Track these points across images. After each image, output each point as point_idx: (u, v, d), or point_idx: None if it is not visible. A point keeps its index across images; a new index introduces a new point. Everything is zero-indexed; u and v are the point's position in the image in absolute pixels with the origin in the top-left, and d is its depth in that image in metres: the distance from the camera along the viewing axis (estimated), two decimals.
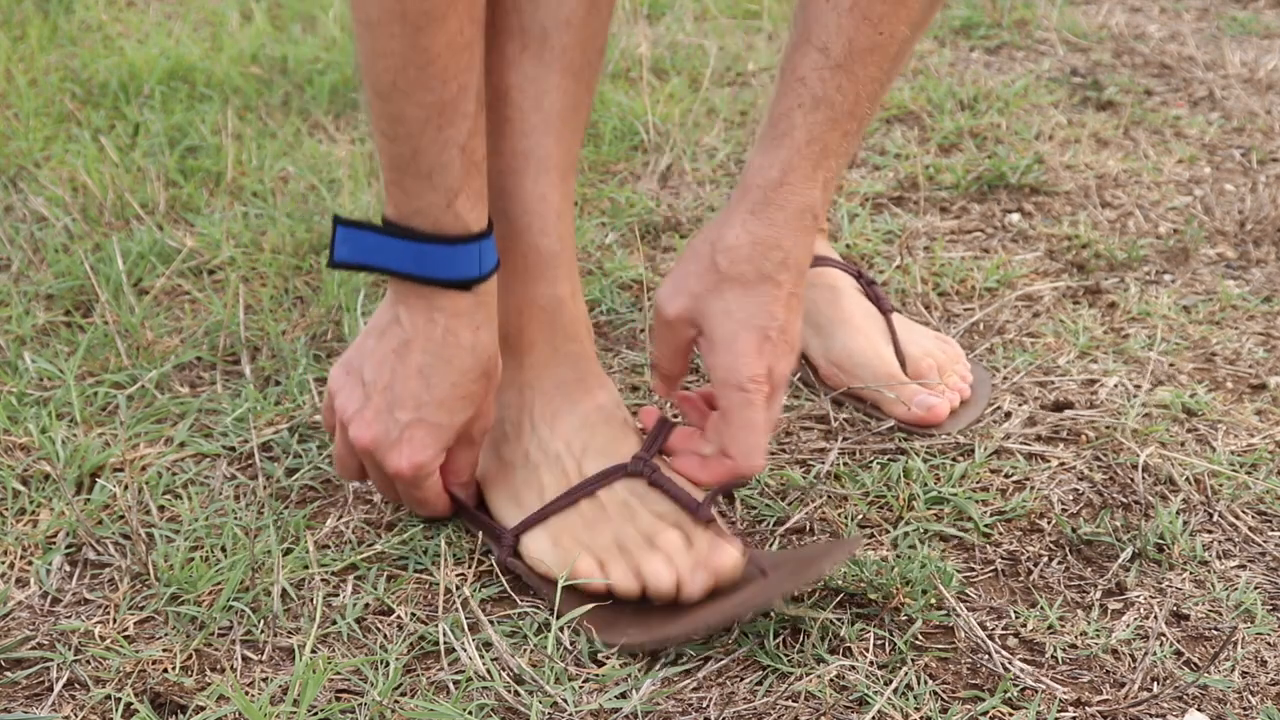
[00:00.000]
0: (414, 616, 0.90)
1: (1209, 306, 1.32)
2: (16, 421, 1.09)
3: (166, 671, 0.84)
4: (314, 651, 0.86)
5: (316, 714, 0.81)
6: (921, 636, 0.89)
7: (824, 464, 1.06)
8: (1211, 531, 1.00)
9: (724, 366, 0.89)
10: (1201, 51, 2.08)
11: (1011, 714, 0.82)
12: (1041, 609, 0.91)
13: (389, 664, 0.85)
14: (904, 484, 1.04)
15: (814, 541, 0.98)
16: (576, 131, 0.95)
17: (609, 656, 0.86)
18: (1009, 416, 1.14)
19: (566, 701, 0.81)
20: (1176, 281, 1.38)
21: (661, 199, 1.54)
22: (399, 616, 0.90)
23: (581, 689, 0.83)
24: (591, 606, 0.88)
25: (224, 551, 0.95)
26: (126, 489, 1.01)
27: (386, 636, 0.88)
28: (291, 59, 1.90)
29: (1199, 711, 0.82)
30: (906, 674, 0.85)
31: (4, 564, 0.95)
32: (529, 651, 0.86)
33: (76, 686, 0.84)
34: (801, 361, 1.19)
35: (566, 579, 0.89)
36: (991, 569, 0.96)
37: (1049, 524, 1.01)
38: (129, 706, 0.81)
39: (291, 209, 1.46)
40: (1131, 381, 1.19)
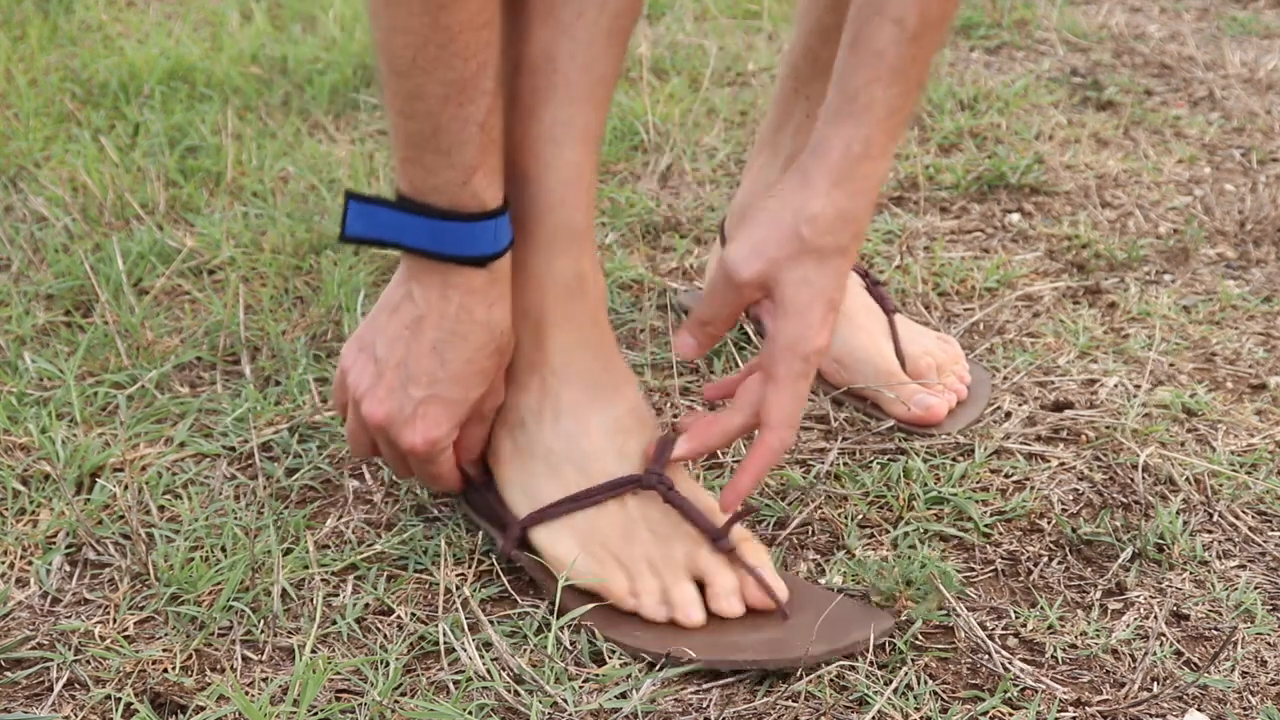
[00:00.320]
0: (414, 616, 0.90)
1: (1209, 306, 1.32)
2: (16, 421, 1.09)
3: (166, 671, 0.84)
4: (314, 651, 0.86)
5: (316, 714, 0.81)
6: (921, 636, 0.89)
7: (824, 464, 1.06)
8: (1211, 531, 1.00)
9: (793, 334, 0.90)
10: (1201, 51, 2.08)
11: (1011, 714, 0.82)
12: (1041, 609, 0.91)
13: (389, 664, 0.85)
14: (904, 484, 1.04)
15: (831, 588, 0.95)
16: (609, 100, 0.95)
17: (609, 656, 0.86)
18: (1009, 416, 1.14)
19: (566, 701, 0.81)
20: (1176, 281, 1.38)
21: (661, 199, 1.54)
22: (399, 616, 0.90)
23: (581, 689, 0.83)
24: (592, 606, 0.88)
25: (224, 551, 0.95)
26: (126, 489, 1.01)
27: (386, 636, 0.88)
28: (291, 59, 1.90)
29: (1199, 711, 0.82)
30: (906, 674, 0.85)
31: (4, 564, 0.95)
32: (529, 651, 0.86)
33: (76, 686, 0.84)
34: None
35: (584, 585, 0.88)
36: (991, 569, 0.96)
37: (1049, 524, 1.01)
38: (129, 706, 0.81)
39: (291, 209, 1.46)
40: (1131, 381, 1.19)
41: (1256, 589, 0.94)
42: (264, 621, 0.88)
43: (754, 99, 1.84)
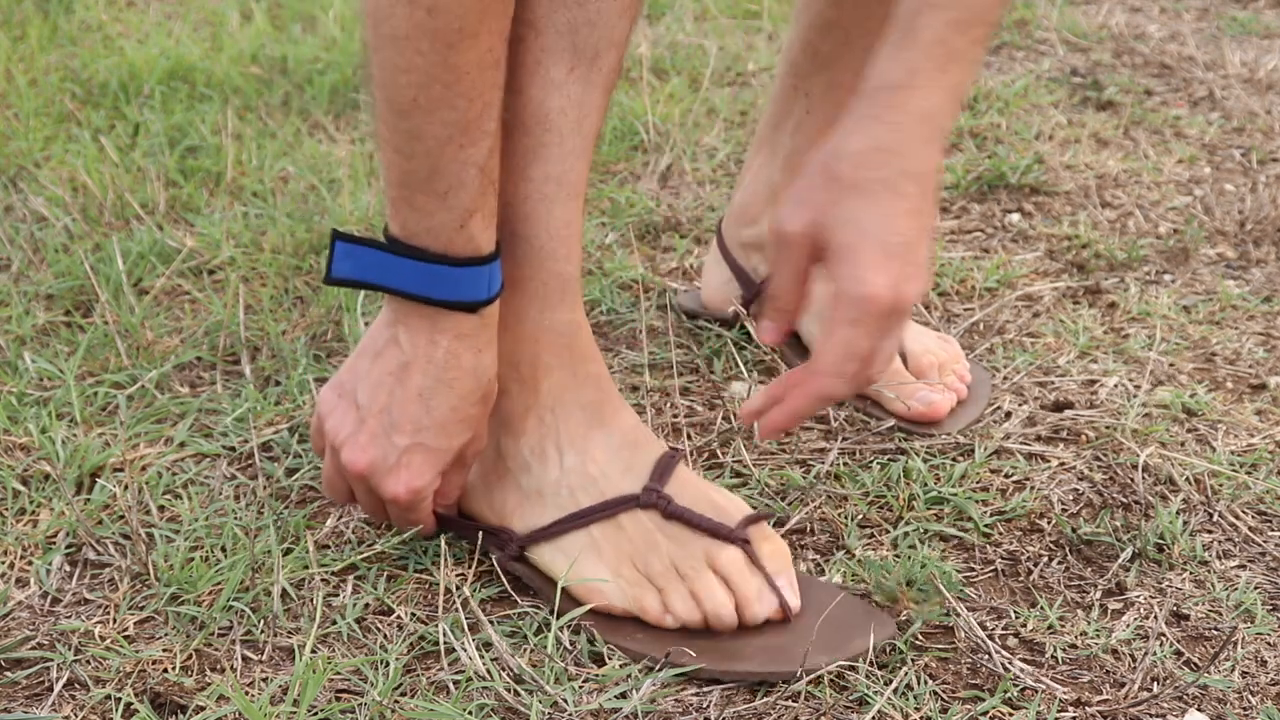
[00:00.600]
0: (414, 616, 0.90)
1: (1209, 306, 1.32)
2: (16, 421, 1.09)
3: (166, 671, 0.84)
4: (314, 651, 0.86)
5: (316, 714, 0.81)
6: (921, 636, 0.89)
7: (824, 464, 1.06)
8: (1211, 531, 1.00)
9: (846, 277, 0.81)
10: (1201, 51, 2.08)
11: (1011, 714, 0.82)
12: (1041, 609, 0.91)
13: (389, 664, 0.85)
14: (904, 484, 1.04)
15: (832, 583, 0.96)
16: (594, 148, 0.94)
17: (609, 657, 0.86)
18: (1009, 416, 1.14)
19: (566, 701, 0.81)
20: (1176, 281, 1.38)
21: (661, 199, 1.54)
22: (399, 616, 0.90)
23: (581, 689, 0.83)
24: (588, 608, 0.88)
25: (224, 551, 0.95)
26: (126, 489, 1.01)
27: (386, 636, 0.88)
28: (291, 59, 1.90)
29: (1199, 711, 0.82)
30: (906, 674, 0.85)
31: (4, 564, 0.95)
32: (529, 651, 0.86)
33: (76, 686, 0.84)
34: (804, 356, 1.19)
35: (619, 609, 0.88)
36: (991, 569, 0.96)
37: (1049, 524, 1.01)
38: (129, 706, 0.81)
39: (291, 209, 1.46)
40: (1131, 381, 1.19)
41: (1256, 589, 0.94)
42: (264, 621, 0.88)
43: (754, 99, 1.84)
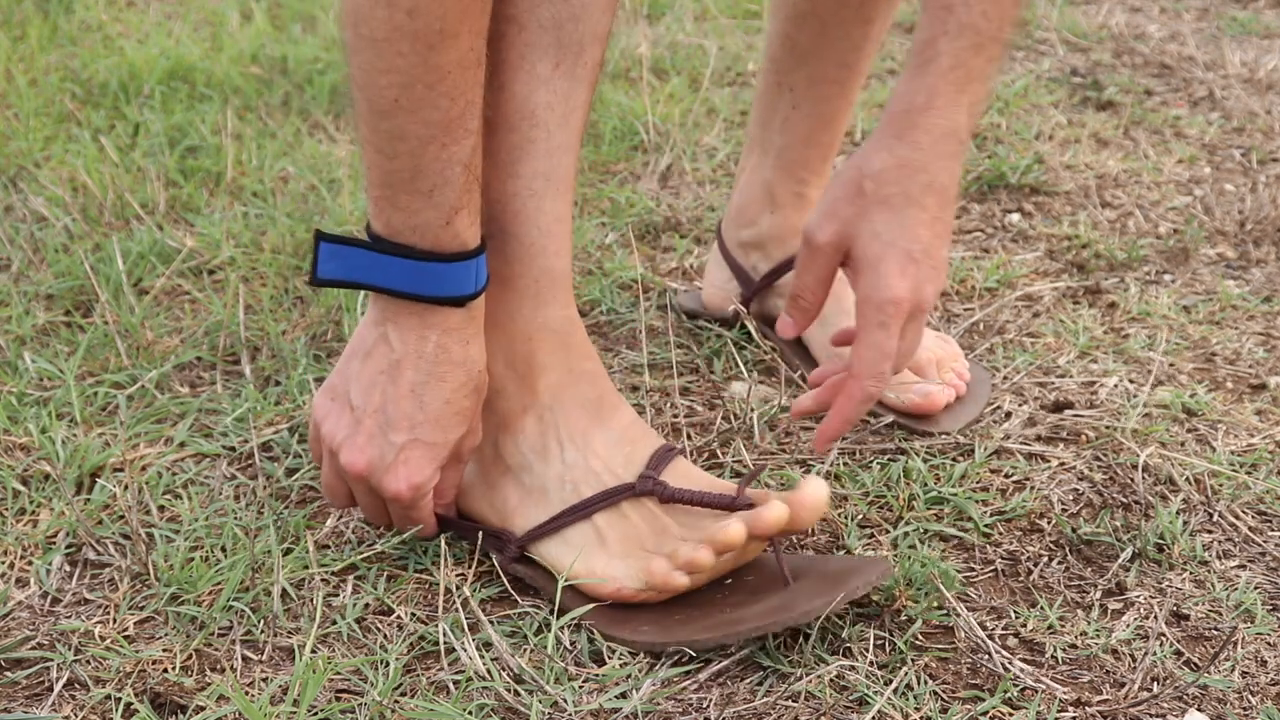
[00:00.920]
0: (414, 616, 0.90)
1: (1209, 306, 1.32)
2: (16, 421, 1.09)
3: (166, 671, 0.84)
4: (314, 651, 0.86)
5: (316, 714, 0.81)
6: (921, 636, 0.89)
7: (824, 464, 1.06)
8: (1211, 531, 1.00)
9: (867, 285, 0.90)
10: (1201, 51, 2.08)
11: (1011, 714, 0.82)
12: (1041, 609, 0.91)
13: (389, 664, 0.85)
14: (904, 484, 1.04)
15: (834, 553, 0.97)
16: (582, 142, 0.95)
17: (609, 657, 0.86)
18: (1009, 416, 1.14)
19: (566, 701, 0.81)
20: (1176, 281, 1.38)
21: (661, 199, 1.54)
22: (399, 616, 0.90)
23: (581, 689, 0.83)
24: (592, 606, 0.88)
25: (224, 551, 0.95)
26: (126, 489, 1.01)
27: (386, 636, 0.88)
28: (291, 59, 1.90)
29: (1199, 711, 0.82)
30: (906, 674, 0.85)
31: (4, 564, 0.95)
32: (529, 651, 0.86)
33: (76, 686, 0.84)
34: (803, 354, 1.19)
35: (637, 594, 0.88)
36: (991, 569, 0.96)
37: (1049, 524, 1.01)
38: (129, 706, 0.81)
39: (291, 209, 1.46)
40: (1131, 381, 1.19)
41: (1256, 589, 0.94)
42: (264, 621, 0.88)
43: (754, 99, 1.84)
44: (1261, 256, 1.44)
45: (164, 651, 0.86)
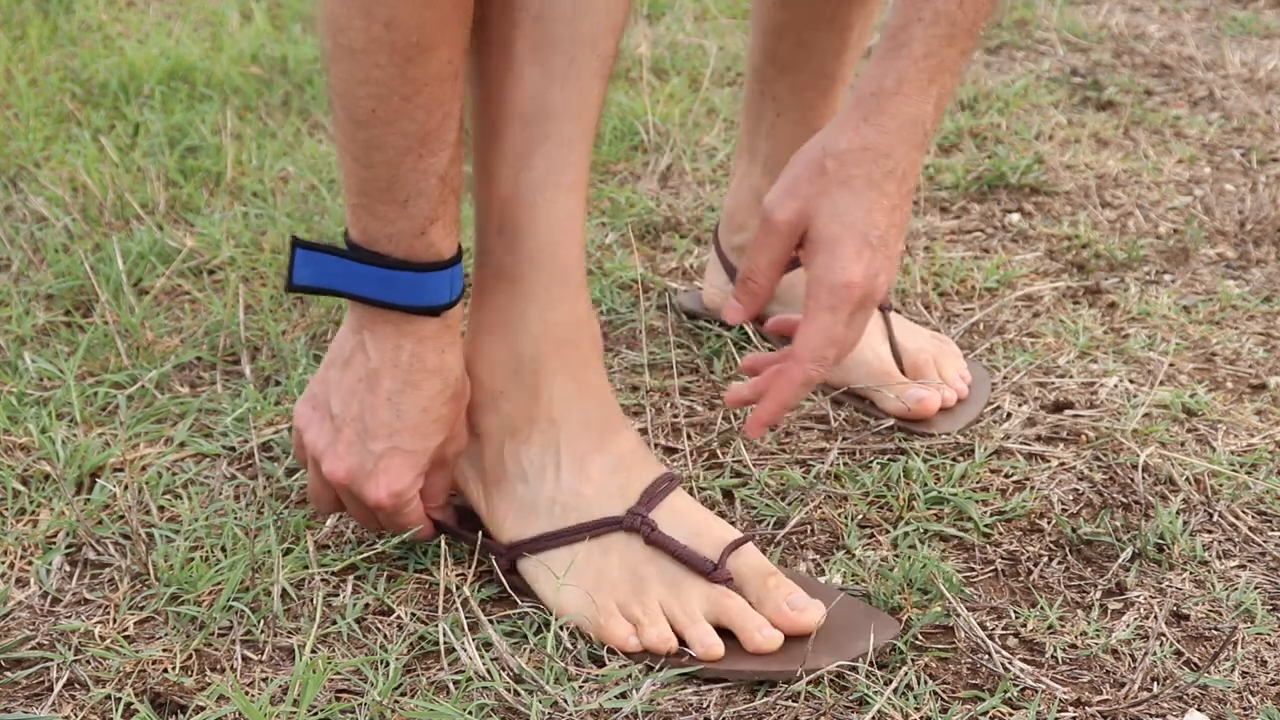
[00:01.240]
0: (414, 616, 0.90)
1: (1209, 306, 1.32)
2: (16, 421, 1.09)
3: (166, 671, 0.84)
4: (314, 651, 0.86)
5: (316, 714, 0.81)
6: (921, 636, 0.89)
7: (824, 464, 1.06)
8: (1211, 531, 1.00)
9: (821, 266, 0.89)
10: (1201, 51, 2.08)
11: (1011, 714, 0.82)
12: (1041, 609, 0.91)
13: (389, 664, 0.85)
14: (904, 484, 1.04)
15: (831, 584, 0.95)
16: (594, 138, 0.93)
17: (609, 657, 0.86)
18: (1009, 416, 1.14)
19: (566, 701, 0.81)
20: (1176, 281, 1.38)
21: (661, 199, 1.54)
22: (399, 616, 0.90)
23: (581, 689, 0.83)
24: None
25: (224, 551, 0.95)
26: (126, 489, 1.01)
27: (386, 636, 0.88)
28: (291, 59, 1.90)
29: (1199, 711, 0.82)
30: (906, 674, 0.85)
31: (4, 564, 0.95)
32: (529, 651, 0.86)
33: (76, 686, 0.84)
34: None
35: (582, 628, 0.87)
36: (991, 569, 0.96)
37: (1049, 524, 1.01)
38: (129, 706, 0.81)
39: (291, 209, 1.46)
40: (1131, 381, 1.19)
41: (1256, 589, 0.94)
42: (264, 621, 0.88)
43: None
44: (1261, 256, 1.44)
45: (164, 651, 0.86)
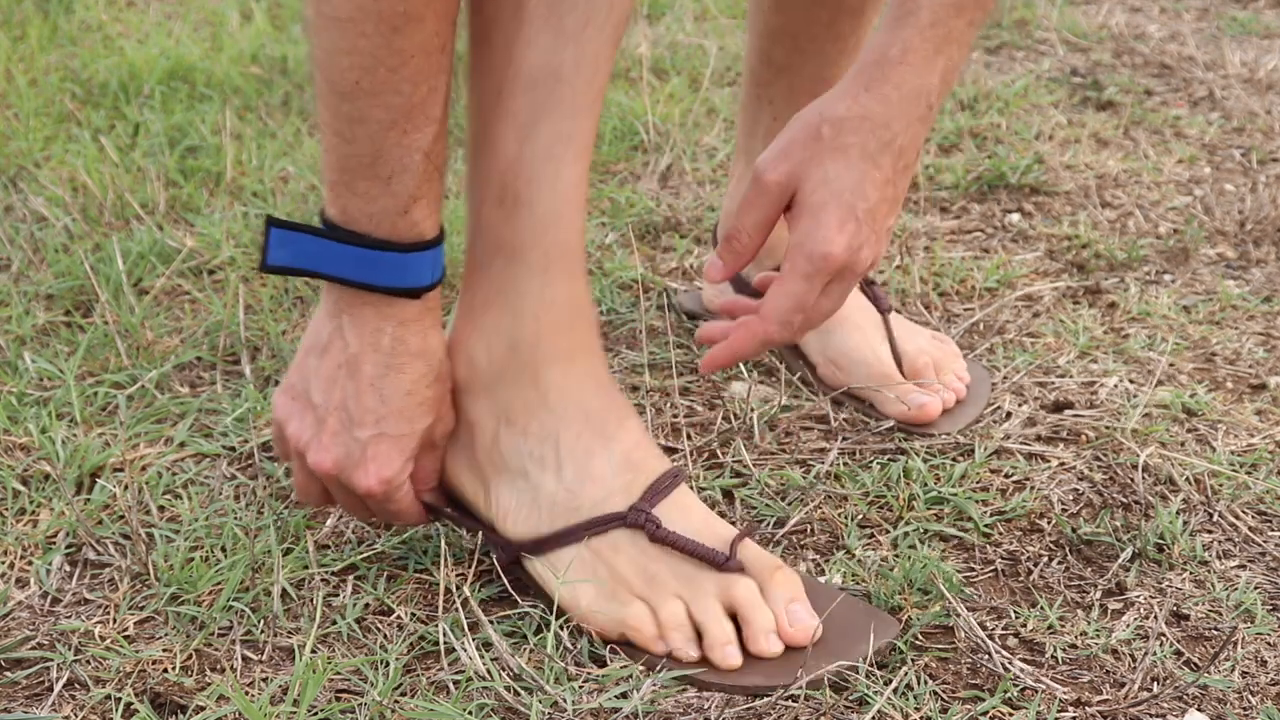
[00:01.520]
0: (414, 616, 0.90)
1: (1209, 306, 1.32)
2: (16, 421, 1.09)
3: (166, 671, 0.84)
4: (314, 651, 0.86)
5: (316, 714, 0.81)
6: (921, 636, 0.89)
7: (824, 464, 1.06)
8: (1211, 531, 1.00)
9: (803, 232, 0.86)
10: (1201, 51, 2.08)
11: (1011, 714, 0.82)
12: (1041, 609, 0.91)
13: (389, 664, 0.85)
14: (904, 484, 1.04)
15: (830, 584, 0.95)
16: (601, 108, 0.91)
17: (609, 657, 0.86)
18: (1009, 416, 1.14)
19: (566, 701, 0.81)
20: (1176, 281, 1.38)
21: (661, 199, 1.54)
22: (399, 616, 0.90)
23: (581, 689, 0.83)
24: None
25: (224, 551, 0.95)
26: (126, 489, 1.01)
27: (386, 636, 0.88)
28: (291, 59, 1.90)
29: (1199, 711, 0.82)
30: (906, 674, 0.85)
31: (4, 564, 0.95)
32: (529, 651, 0.86)
33: (76, 686, 0.84)
34: (799, 359, 1.19)
35: (609, 633, 0.86)
36: (991, 569, 0.96)
37: (1049, 524, 1.01)
38: (129, 706, 0.81)
39: (291, 209, 1.46)
40: (1131, 381, 1.19)
41: (1256, 589, 0.94)
42: (264, 621, 0.88)
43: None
44: (1261, 256, 1.44)
45: (164, 651, 0.86)
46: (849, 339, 1.15)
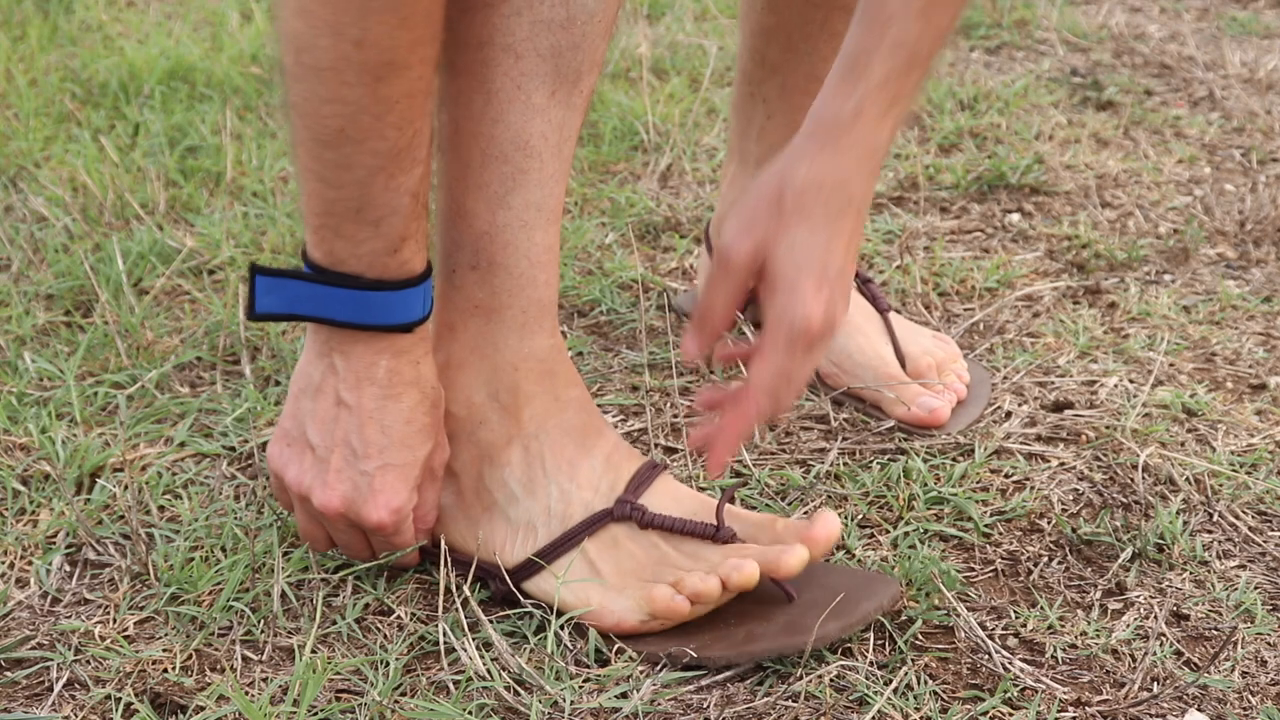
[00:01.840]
0: (414, 616, 0.90)
1: (1209, 306, 1.32)
2: (16, 421, 1.09)
3: (166, 671, 0.84)
4: (314, 651, 0.86)
5: (316, 714, 0.81)
6: (921, 636, 0.89)
7: (824, 464, 1.06)
8: (1211, 531, 1.00)
9: (781, 306, 0.86)
10: (1201, 51, 2.08)
11: (1011, 714, 0.82)
12: (1041, 609, 0.91)
13: (389, 664, 0.85)
14: (904, 484, 1.04)
15: (833, 553, 0.96)
16: (569, 172, 0.93)
17: (609, 657, 0.86)
18: (1009, 416, 1.14)
19: (566, 701, 0.81)
20: (1176, 281, 1.38)
21: (661, 199, 1.54)
22: (399, 616, 0.90)
23: (581, 689, 0.83)
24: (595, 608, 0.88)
25: (224, 551, 0.95)
26: (126, 489, 1.01)
27: (386, 636, 0.88)
28: None
29: (1199, 711, 0.82)
30: (906, 674, 0.85)
31: (4, 564, 0.95)
32: (529, 651, 0.86)
33: (76, 686, 0.84)
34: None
35: (642, 625, 0.86)
36: (991, 569, 0.96)
37: (1049, 524, 1.01)
38: (129, 706, 0.81)
39: (291, 209, 1.46)
40: (1131, 381, 1.19)
41: (1256, 589, 0.94)
42: (264, 621, 0.88)
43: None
44: (1261, 256, 1.44)
45: (164, 651, 0.86)
46: (851, 341, 1.15)
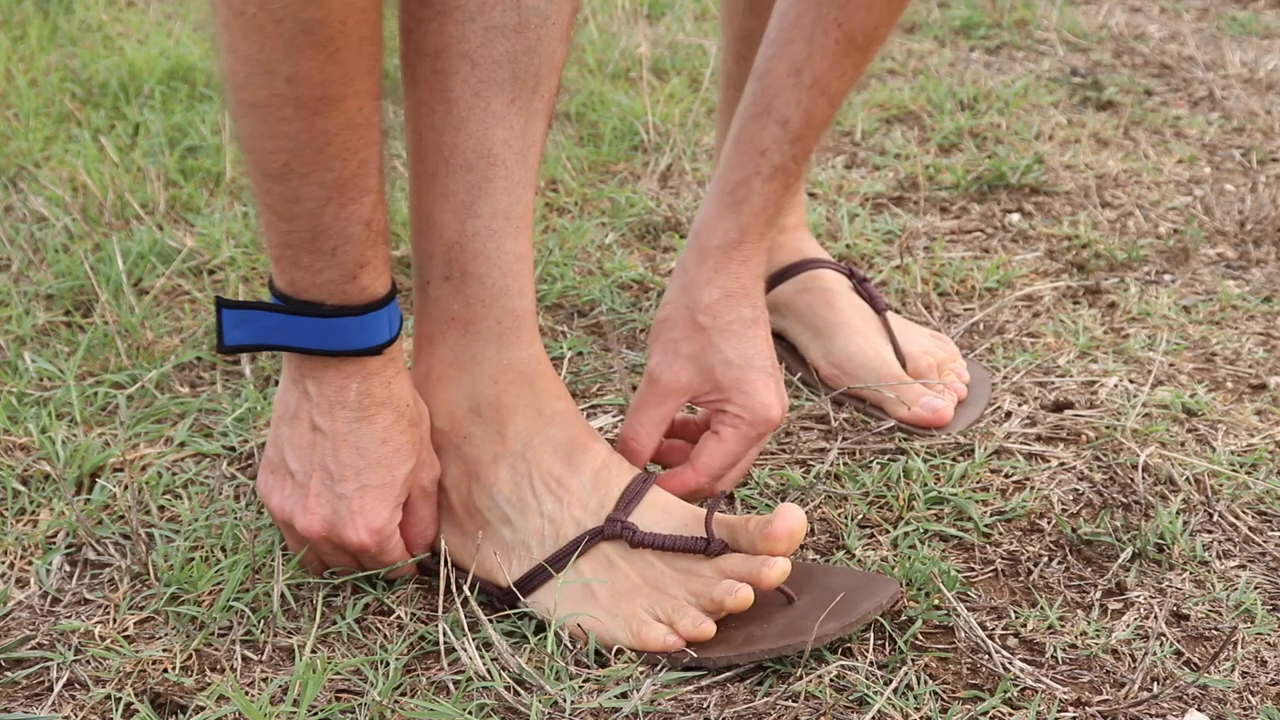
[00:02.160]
0: (414, 616, 0.90)
1: (1209, 306, 1.32)
2: (16, 421, 1.09)
3: (166, 671, 0.84)
4: (314, 651, 0.86)
5: (316, 714, 0.81)
6: (921, 636, 0.89)
7: (824, 464, 1.06)
8: (1211, 531, 1.00)
9: (740, 405, 0.95)
10: (1201, 51, 2.08)
11: (1011, 714, 0.82)
12: (1041, 609, 0.91)
13: (389, 664, 0.85)
14: (904, 484, 1.04)
15: (834, 553, 0.97)
16: (538, 176, 0.93)
17: (609, 657, 0.86)
18: (1009, 416, 1.14)
19: (566, 701, 0.81)
20: (1176, 281, 1.38)
21: (661, 199, 1.54)
22: (399, 616, 0.90)
23: (581, 689, 0.83)
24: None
25: (224, 552, 0.95)
26: (126, 489, 1.01)
27: (386, 636, 0.88)
28: None
29: (1199, 711, 0.82)
30: (906, 674, 0.85)
31: (4, 564, 0.95)
32: (529, 651, 0.86)
33: (76, 686, 0.84)
34: (802, 364, 1.19)
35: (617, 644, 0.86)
36: (991, 569, 0.96)
37: (1049, 524, 1.01)
38: (129, 706, 0.82)
39: None
40: (1131, 381, 1.19)
41: (1256, 589, 0.94)
42: (264, 621, 0.88)
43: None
44: (1261, 256, 1.44)
45: (164, 651, 0.86)
46: (851, 343, 1.15)
